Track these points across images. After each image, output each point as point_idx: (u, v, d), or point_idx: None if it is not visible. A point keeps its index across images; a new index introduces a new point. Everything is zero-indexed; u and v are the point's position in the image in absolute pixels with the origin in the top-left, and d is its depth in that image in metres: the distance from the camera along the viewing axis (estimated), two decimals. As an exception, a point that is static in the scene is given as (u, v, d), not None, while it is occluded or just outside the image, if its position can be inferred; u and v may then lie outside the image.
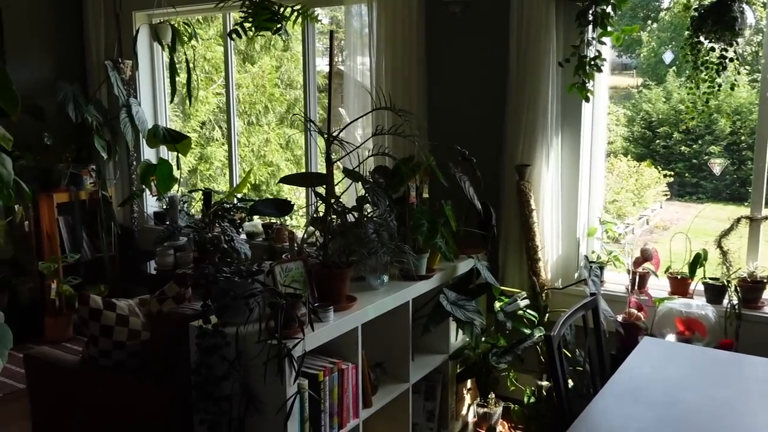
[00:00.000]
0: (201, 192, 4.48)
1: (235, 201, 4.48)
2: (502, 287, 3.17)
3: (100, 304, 2.48)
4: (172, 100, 4.73)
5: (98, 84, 4.89)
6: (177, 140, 4.52)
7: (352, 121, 2.65)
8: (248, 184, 4.61)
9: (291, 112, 7.71)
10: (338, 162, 2.52)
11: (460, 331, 3.00)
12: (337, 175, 2.55)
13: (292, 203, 2.70)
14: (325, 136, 2.41)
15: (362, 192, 2.59)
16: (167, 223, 4.52)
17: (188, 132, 6.37)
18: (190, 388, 2.22)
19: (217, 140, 8.01)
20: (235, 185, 4.65)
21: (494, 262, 3.39)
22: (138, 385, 2.43)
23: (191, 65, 4.64)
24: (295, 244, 2.67)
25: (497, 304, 3.13)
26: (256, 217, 4.53)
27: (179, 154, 4.67)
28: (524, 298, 3.16)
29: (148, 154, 5.06)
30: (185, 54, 4.73)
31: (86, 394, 2.55)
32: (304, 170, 4.60)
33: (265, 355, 2.07)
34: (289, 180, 2.71)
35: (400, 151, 3.35)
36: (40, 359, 2.67)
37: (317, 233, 2.48)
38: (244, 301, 2.14)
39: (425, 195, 2.94)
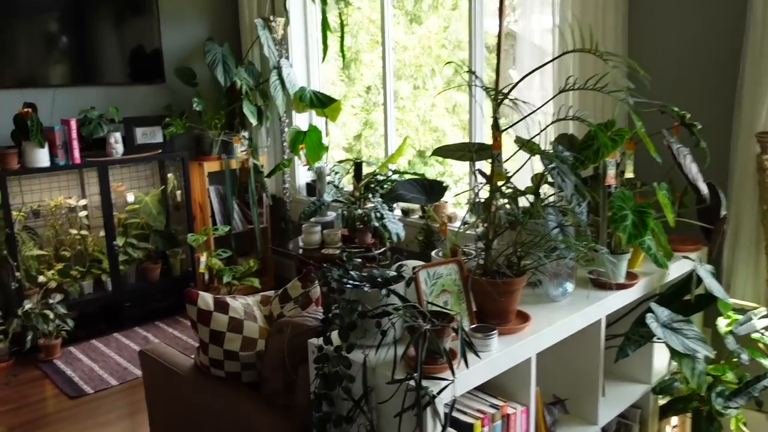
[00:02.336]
0: (351, 162, 4.00)
1: (389, 173, 3.95)
2: (732, 300, 2.33)
3: (211, 305, 2.05)
4: (324, 60, 4.28)
5: (249, 45, 4.57)
6: (325, 104, 4.06)
7: (532, 71, 1.94)
8: (411, 152, 4.06)
9: (458, 73, 7.03)
10: (508, 130, 1.85)
11: (666, 352, 2.22)
12: (507, 147, 1.88)
13: (444, 185, 2.08)
14: (492, 94, 1.75)
15: (541, 169, 1.90)
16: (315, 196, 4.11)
17: (352, 97, 5.97)
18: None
19: (381, 105, 7.58)
20: (389, 155, 4.12)
21: (716, 264, 2.54)
22: (254, 405, 1.98)
23: (345, 23, 4.13)
24: (449, 237, 2.04)
25: (723, 323, 2.30)
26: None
27: (328, 120, 4.22)
28: (763, 316, 2.30)
29: (299, 120, 4.68)
30: (340, 11, 4.23)
31: (199, 403, 2.16)
32: (468, 139, 3.94)
33: (399, 399, 1.50)
34: (442, 152, 2.08)
35: (591, 115, 2.59)
36: (153, 359, 2.32)
37: (479, 225, 1.84)
38: (374, 321, 1.58)
39: (628, 174, 2.18)
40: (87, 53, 4.21)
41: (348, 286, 1.65)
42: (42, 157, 3.78)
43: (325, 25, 4.01)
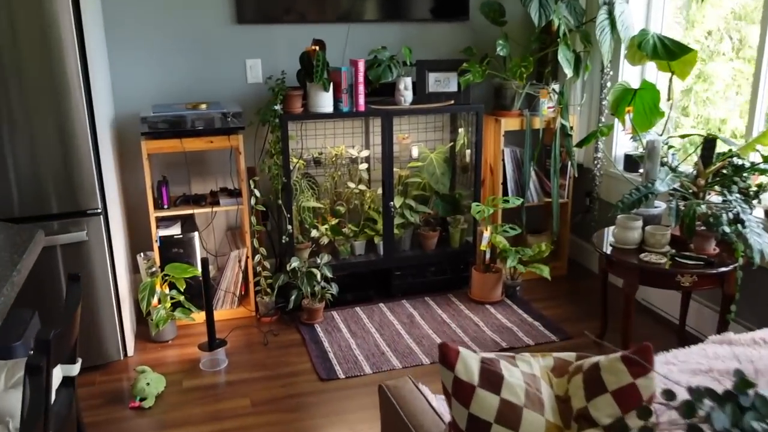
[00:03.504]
0: (701, 138, 2.89)
1: (757, 159, 2.77)
2: None
3: (475, 375, 1.31)
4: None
5: (576, -27, 3.61)
6: (675, 55, 2.97)
7: None
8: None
9: None
10: None
11: None
12: None
13: None
14: None
15: None
16: (641, 179, 3.10)
17: (690, 44, 4.64)
18: None
19: (723, 54, 5.96)
20: (758, 133, 2.90)
21: None
22: None
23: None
24: None
25: None
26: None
27: (674, 77, 3.12)
28: None
29: (628, 74, 3.63)
30: None
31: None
32: None
33: None
34: None
35: None
36: (392, 405, 1.69)
37: None
38: None
39: None
40: (386, -16, 3.69)
41: None
42: (325, 101, 3.40)
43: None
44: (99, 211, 2.84)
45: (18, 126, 2.64)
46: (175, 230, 3.37)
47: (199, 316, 3.32)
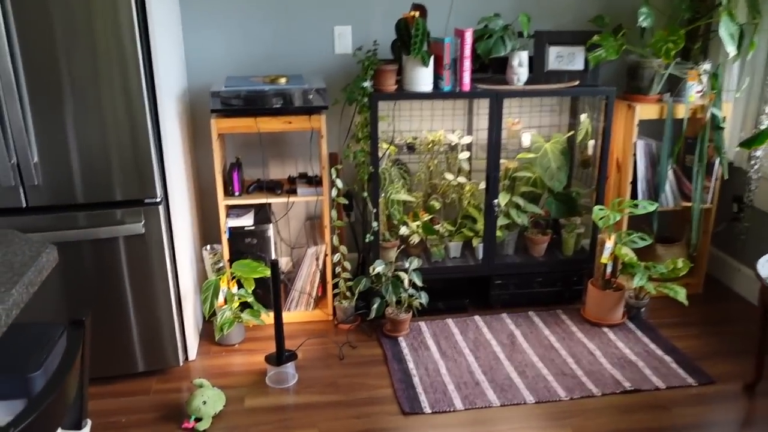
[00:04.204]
0: None
1: None
2: None
3: None
4: None
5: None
6: None
7: None
8: None
9: None
10: None
11: None
12: None
13: None
14: None
15: None
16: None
17: None
18: None
19: None
20: None
21: None
22: None
23: None
24: None
25: None
26: None
27: None
28: None
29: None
30: None
31: None
32: None
33: None
34: None
35: None
36: None
37: None
38: None
39: None
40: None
41: None
42: (424, 78, 2.87)
43: None
44: (158, 200, 2.48)
45: (64, 98, 2.29)
46: (246, 220, 2.98)
47: (270, 318, 2.93)
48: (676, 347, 2.88)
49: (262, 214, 3.10)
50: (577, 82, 3.01)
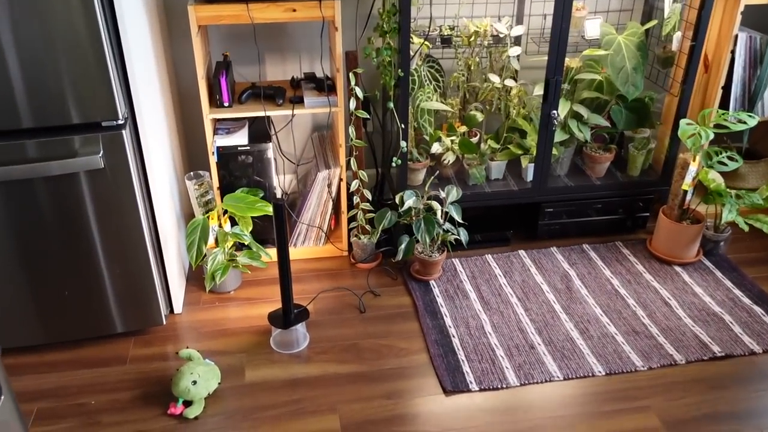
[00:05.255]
0: None
1: None
2: None
3: None
4: None
5: None
6: None
7: None
8: None
9: None
10: None
11: None
12: None
13: None
14: None
15: None
16: None
17: None
18: None
19: None
20: None
21: None
22: None
23: None
24: None
25: None
26: None
27: None
28: None
29: None
30: None
31: None
32: None
33: None
34: None
35: None
36: None
37: None
38: None
39: None
40: None
41: None
42: (471, -52, 2.14)
43: None
44: (121, 122, 1.84)
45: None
46: (239, 138, 2.35)
47: (273, 254, 2.39)
48: (765, 293, 2.37)
49: (259, 127, 2.46)
50: (671, -45, 2.27)
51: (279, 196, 2.63)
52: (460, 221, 2.36)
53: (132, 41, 1.84)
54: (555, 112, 2.40)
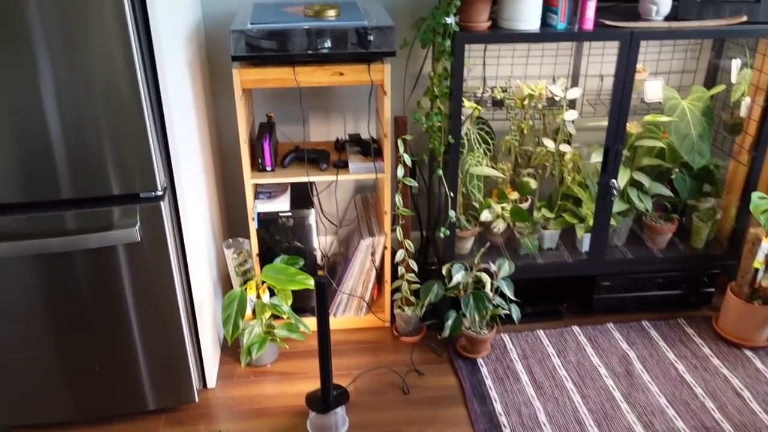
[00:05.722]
0: None
1: None
2: None
3: None
4: None
5: None
6: None
7: None
8: None
9: None
10: None
11: None
12: None
13: None
14: None
15: None
16: None
17: None
18: None
19: None
20: None
21: None
22: None
23: None
24: None
25: None
26: None
27: None
28: None
29: None
30: None
31: None
32: None
33: None
34: None
35: None
36: None
37: None
38: None
39: None
40: None
41: None
42: (529, 11, 2.03)
43: None
44: (160, 193, 1.75)
45: (34, 44, 1.52)
46: (281, 204, 2.25)
47: (311, 323, 2.26)
48: None
49: (301, 190, 2.36)
50: (744, 18, 2.13)
51: (319, 260, 2.51)
52: (512, 297, 2.21)
53: (174, 107, 1.76)
54: (614, 181, 2.25)
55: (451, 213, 2.21)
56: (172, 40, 1.80)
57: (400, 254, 2.29)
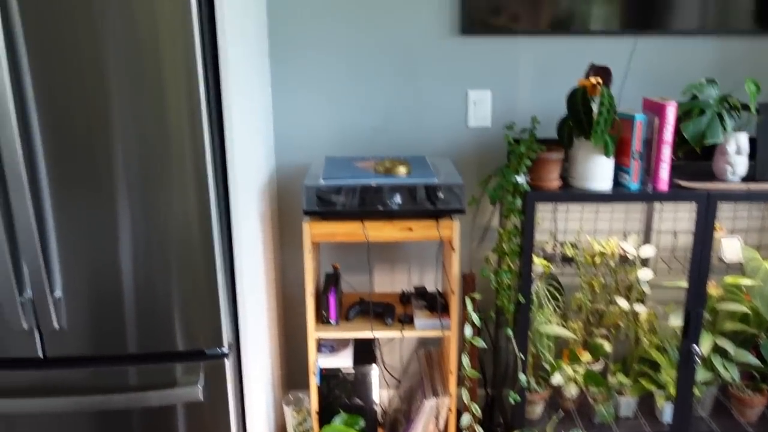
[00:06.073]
0: None
1: None
2: None
3: None
4: None
5: None
6: None
7: None
8: None
9: None
10: None
11: None
12: None
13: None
14: None
15: None
16: None
17: None
18: None
19: None
20: None
21: None
22: None
23: None
24: None
25: None
26: None
27: None
28: None
29: None
30: None
31: None
32: None
33: None
34: None
35: None
36: None
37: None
38: None
39: None
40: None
41: None
42: (602, 171, 2.01)
43: None
44: (225, 351, 1.71)
45: (111, 195, 1.56)
46: (344, 360, 2.17)
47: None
48: None
49: (364, 346, 2.29)
50: (828, 182, 2.06)
51: (379, 416, 2.39)
52: (591, 473, 2.02)
53: (245, 261, 1.76)
54: (696, 346, 2.11)
55: (522, 377, 2.09)
56: (248, 193, 1.83)
57: (467, 419, 2.15)
